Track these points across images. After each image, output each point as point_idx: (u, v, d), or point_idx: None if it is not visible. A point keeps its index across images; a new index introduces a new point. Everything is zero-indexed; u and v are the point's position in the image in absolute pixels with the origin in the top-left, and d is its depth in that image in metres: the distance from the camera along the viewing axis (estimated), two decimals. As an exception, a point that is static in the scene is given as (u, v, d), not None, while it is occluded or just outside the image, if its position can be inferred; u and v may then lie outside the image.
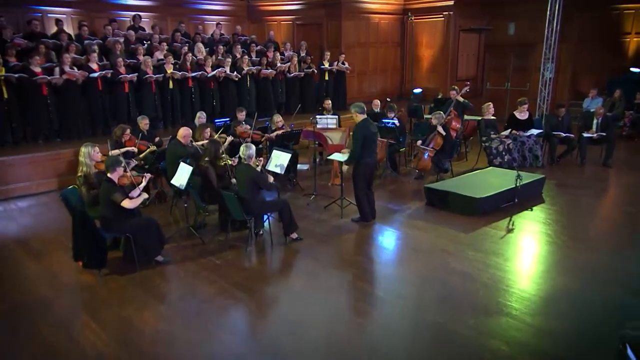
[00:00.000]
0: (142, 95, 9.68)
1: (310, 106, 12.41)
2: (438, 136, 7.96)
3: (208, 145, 6.21)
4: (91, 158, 5.39)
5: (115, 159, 4.97)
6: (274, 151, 6.32)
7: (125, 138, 7.22)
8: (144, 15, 12.22)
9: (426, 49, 14.78)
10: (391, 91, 15.43)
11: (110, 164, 4.92)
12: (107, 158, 5.10)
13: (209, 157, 6.06)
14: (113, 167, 4.90)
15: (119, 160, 4.98)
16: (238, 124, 8.11)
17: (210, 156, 6.06)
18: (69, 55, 8.78)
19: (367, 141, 6.08)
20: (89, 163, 5.36)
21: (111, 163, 4.92)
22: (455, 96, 9.27)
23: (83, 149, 5.44)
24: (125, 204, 4.82)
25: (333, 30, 13.96)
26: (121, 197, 4.81)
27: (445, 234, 6.02)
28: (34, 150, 8.06)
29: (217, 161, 6.17)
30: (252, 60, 11.52)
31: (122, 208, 4.91)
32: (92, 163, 5.36)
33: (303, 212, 6.94)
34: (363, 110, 6.15)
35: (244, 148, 5.54)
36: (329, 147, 8.06)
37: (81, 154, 5.45)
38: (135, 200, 4.95)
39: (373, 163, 6.29)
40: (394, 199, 7.51)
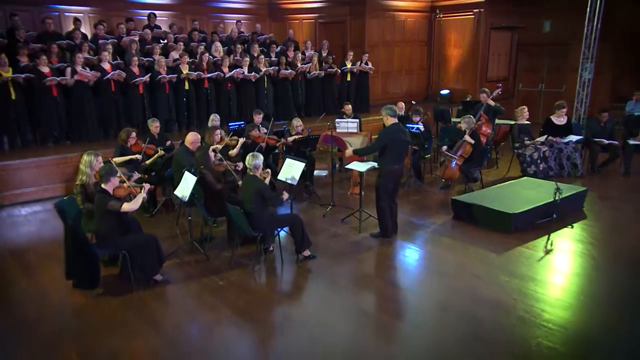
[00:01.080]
0: (155, 96, 9.32)
1: (331, 108, 11.87)
2: (467, 143, 7.32)
3: (197, 153, 5.78)
4: (92, 167, 4.98)
5: (110, 168, 4.55)
6: (287, 159, 5.82)
7: (131, 142, 6.83)
8: (162, 13, 11.94)
9: (454, 48, 14.06)
10: (417, 92, 14.78)
11: (104, 173, 4.49)
12: (101, 167, 4.68)
13: (203, 165, 5.63)
14: (107, 176, 4.48)
15: (113, 170, 4.55)
16: (252, 127, 7.65)
17: (203, 163, 5.63)
18: (81, 55, 8.48)
19: (394, 147, 5.53)
20: (89, 172, 4.95)
21: (105, 172, 4.50)
22: (486, 99, 8.59)
23: (85, 156, 5.04)
24: (125, 208, 4.41)
25: (356, 29, 13.39)
26: (118, 203, 4.39)
27: (474, 254, 5.41)
28: (41, 154, 7.76)
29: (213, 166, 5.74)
30: (270, 60, 11.05)
31: (118, 223, 4.50)
32: (92, 173, 4.95)
33: (319, 224, 6.43)
34: (395, 114, 5.62)
35: (250, 157, 5.05)
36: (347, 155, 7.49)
37: (82, 161, 5.05)
38: (135, 202, 4.54)
39: (399, 171, 5.73)
40: (418, 211, 6.92)
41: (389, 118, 5.61)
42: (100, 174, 4.52)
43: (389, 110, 5.62)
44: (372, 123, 11.32)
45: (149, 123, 7.72)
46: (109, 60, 8.95)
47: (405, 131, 5.79)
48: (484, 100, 8.62)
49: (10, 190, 7.29)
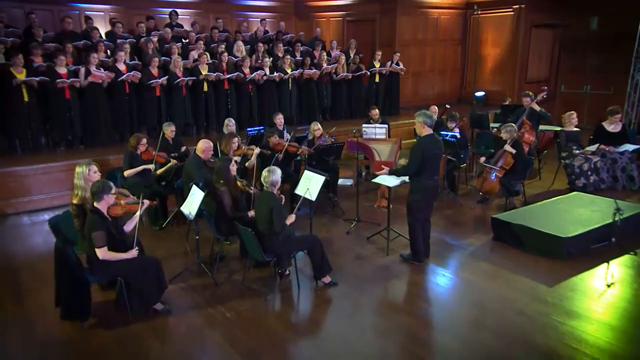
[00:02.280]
0: (172, 98, 8.86)
1: (358, 111, 11.24)
2: (508, 154, 6.55)
3: (217, 164, 5.18)
4: (87, 179, 4.46)
5: (103, 184, 4.02)
6: (305, 172, 5.21)
7: (141, 149, 6.34)
8: (184, 12, 11.54)
9: (491, 47, 13.19)
10: (449, 94, 13.98)
11: (96, 190, 3.97)
12: (93, 183, 4.16)
13: (222, 179, 5.02)
14: (100, 194, 3.96)
15: (107, 186, 4.02)
16: (271, 133, 7.07)
17: (223, 177, 5.02)
18: (96, 55, 8.08)
19: (429, 161, 4.86)
20: (85, 186, 4.43)
21: (97, 190, 3.98)
22: (530, 104, 7.77)
23: (77, 168, 4.53)
24: (99, 254, 3.87)
25: (387, 27, 12.68)
26: (99, 241, 3.85)
27: (519, 284, 4.68)
28: (50, 160, 7.37)
29: (233, 183, 5.13)
30: (295, 60, 10.47)
31: (112, 245, 3.98)
32: (88, 186, 4.43)
33: (341, 242, 5.80)
34: (432, 122, 4.93)
35: (267, 173, 4.45)
36: (376, 163, 6.83)
37: (75, 175, 4.54)
38: (114, 255, 3.97)
39: (434, 187, 5.06)
40: (452, 228, 6.21)
41: (425, 127, 4.92)
42: (92, 191, 4.01)
43: (425, 118, 4.91)
44: (401, 127, 10.63)
45: (164, 127, 7.24)
46: (125, 61, 8.54)
47: (439, 143, 5.10)
48: (527, 105, 7.82)
49: (16, 197, 6.92)
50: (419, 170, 4.89)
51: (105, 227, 3.91)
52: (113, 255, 3.98)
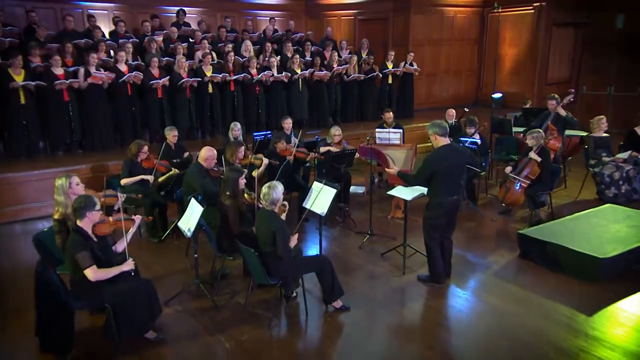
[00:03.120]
0: (175, 101, 8.46)
1: (369, 114, 10.77)
2: (534, 162, 6.05)
3: (225, 174, 4.73)
4: (69, 194, 4.05)
5: (86, 200, 3.59)
6: (315, 183, 4.75)
7: (142, 157, 5.95)
8: (191, 10, 11.14)
9: (509, 47, 12.62)
10: (465, 96, 13.44)
11: (78, 206, 3.55)
12: (75, 198, 3.75)
13: (229, 191, 4.58)
14: (82, 211, 3.54)
15: (90, 201, 3.59)
16: (278, 138, 6.62)
17: (230, 190, 4.57)
18: (95, 55, 7.70)
19: (448, 174, 4.39)
20: (66, 202, 4.02)
21: (79, 205, 3.55)
22: (555, 107, 7.26)
23: (57, 181, 4.11)
24: (89, 275, 3.45)
25: (400, 26, 12.18)
26: (87, 261, 3.44)
27: (554, 312, 4.18)
28: (47, 165, 7.01)
29: (241, 196, 4.68)
30: (304, 60, 10.03)
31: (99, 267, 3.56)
32: (70, 201, 4.01)
33: (353, 258, 5.35)
34: (445, 132, 4.43)
35: (267, 189, 3.99)
36: (390, 172, 6.36)
37: (55, 189, 4.12)
38: (107, 271, 3.57)
39: (455, 203, 4.56)
40: (473, 243, 5.72)
41: (438, 138, 4.43)
42: (74, 208, 3.59)
43: (437, 128, 4.42)
44: (415, 131, 10.14)
45: (166, 132, 6.87)
46: (127, 61, 8.16)
47: (461, 152, 4.62)
48: (552, 109, 7.30)
49: (9, 205, 6.57)
50: (434, 181, 4.42)
51: (88, 249, 3.49)
52: (107, 272, 3.57)
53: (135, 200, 5.36)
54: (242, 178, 4.66)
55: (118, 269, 3.60)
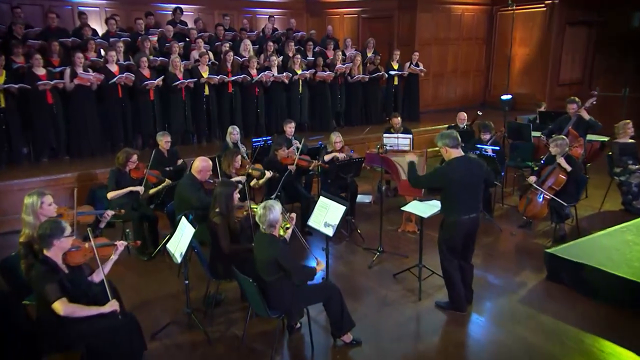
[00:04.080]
0: (169, 103, 7.95)
1: (374, 117, 10.26)
2: (560, 171, 5.55)
3: (216, 189, 4.21)
4: (38, 214, 3.54)
5: (53, 226, 3.07)
6: (321, 199, 4.24)
7: (131, 166, 5.43)
8: (188, 8, 10.62)
9: (519, 46, 12.11)
10: (472, 97, 12.95)
11: (44, 233, 3.03)
12: (41, 224, 3.23)
13: (221, 208, 4.06)
14: (48, 239, 3.03)
15: (58, 227, 3.07)
16: (279, 145, 6.11)
17: (223, 207, 4.06)
18: (82, 55, 7.18)
19: (464, 190, 3.90)
20: (35, 223, 3.49)
21: (45, 232, 3.03)
22: (577, 111, 6.76)
23: (26, 199, 3.59)
24: (58, 309, 2.93)
25: (406, 25, 11.68)
26: (54, 293, 2.93)
27: (599, 352, 3.66)
28: (30, 174, 6.50)
29: (233, 213, 4.16)
30: (307, 60, 9.51)
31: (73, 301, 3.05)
32: (39, 223, 3.48)
33: (363, 280, 4.84)
34: (456, 143, 3.94)
35: (263, 211, 3.46)
36: (402, 183, 5.85)
37: (23, 207, 3.60)
38: (82, 308, 3.05)
39: (474, 222, 4.06)
40: (494, 263, 5.22)
41: (449, 150, 3.94)
42: (39, 235, 3.07)
43: (447, 140, 3.91)
44: (423, 135, 9.66)
45: (158, 137, 6.38)
46: (118, 61, 7.65)
47: (478, 165, 4.10)
48: (572, 112, 6.80)
49: (-12, 218, 6.06)
50: (449, 197, 3.94)
51: (56, 281, 2.98)
52: (81, 309, 3.05)
53: (122, 214, 4.84)
54: (236, 192, 4.14)
55: (97, 309, 3.08)
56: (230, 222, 4.04)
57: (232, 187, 4.13)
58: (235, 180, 5.33)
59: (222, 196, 4.03)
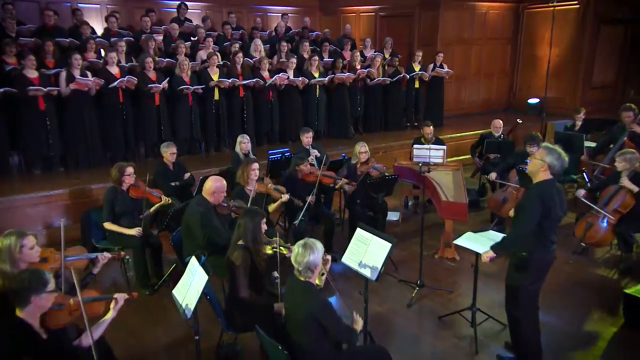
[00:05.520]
0: (175, 109, 7.23)
1: (394, 123, 9.53)
2: (626, 192, 4.79)
3: (240, 220, 3.46)
4: (17, 260, 2.80)
5: (33, 277, 2.35)
6: (359, 232, 3.49)
7: (128, 181, 4.69)
8: (194, 5, 9.92)
9: (548, 46, 11.27)
10: (496, 100, 12.21)
11: (20, 287, 2.32)
12: (18, 274, 2.49)
13: (244, 241, 3.32)
14: (27, 294, 2.31)
15: (39, 279, 2.35)
16: (301, 159, 5.37)
17: (249, 241, 3.32)
18: (79, 57, 6.47)
19: (547, 221, 3.14)
20: (12, 271, 2.75)
21: (22, 284, 2.32)
22: (634, 120, 6.00)
23: (2, 241, 2.87)
24: None
25: (427, 24, 10.93)
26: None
27: None
28: (19, 189, 5.78)
29: (261, 249, 3.42)
30: (323, 62, 8.78)
31: None
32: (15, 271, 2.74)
33: (403, 323, 4.10)
34: (560, 167, 3.16)
35: (302, 250, 2.73)
36: (443, 205, 5.06)
37: (0, 248, 2.85)
38: None
39: (552, 262, 3.32)
40: (556, 300, 4.43)
41: (548, 172, 3.17)
42: (14, 290, 2.35)
43: (554, 159, 3.11)
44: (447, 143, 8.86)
45: (162, 149, 5.67)
46: (119, 63, 6.94)
47: (561, 191, 3.35)
48: (629, 122, 6.03)
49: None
50: (539, 235, 3.19)
51: (30, 354, 2.25)
52: None
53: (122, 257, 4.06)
54: (263, 222, 3.41)
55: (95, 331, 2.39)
56: (256, 260, 3.29)
57: (258, 216, 3.37)
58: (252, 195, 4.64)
59: (248, 229, 3.28)
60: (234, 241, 3.38)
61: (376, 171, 5.40)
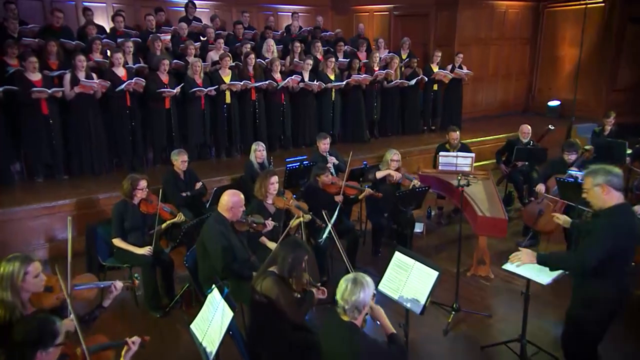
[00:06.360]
0: (187, 112, 6.86)
1: (411, 126, 9.13)
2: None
3: (280, 249, 3.02)
4: (19, 289, 2.42)
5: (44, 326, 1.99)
6: (398, 255, 3.10)
7: (140, 195, 4.32)
8: (202, 4, 9.55)
9: (569, 47, 10.91)
10: (514, 103, 11.80)
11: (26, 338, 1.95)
12: (20, 324, 2.11)
13: (279, 270, 2.93)
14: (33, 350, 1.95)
15: (51, 331, 1.99)
16: (322, 170, 4.98)
17: (282, 270, 2.93)
18: (83, 58, 6.10)
19: (624, 251, 2.76)
20: (12, 301, 2.37)
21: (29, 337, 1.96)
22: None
23: (4, 266, 2.46)
24: None
25: (444, 23, 10.53)
26: None
27: None
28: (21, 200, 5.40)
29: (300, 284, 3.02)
30: (339, 62, 8.39)
31: None
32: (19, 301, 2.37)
33: (441, 354, 3.72)
34: (620, 183, 2.77)
35: (351, 285, 2.36)
36: (479, 220, 4.64)
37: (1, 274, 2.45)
38: None
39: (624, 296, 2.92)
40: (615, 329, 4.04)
41: (612, 192, 2.76)
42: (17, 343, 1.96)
43: (611, 177, 2.74)
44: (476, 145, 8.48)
45: (173, 156, 5.30)
46: (126, 64, 6.58)
47: (633, 212, 2.95)
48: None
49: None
50: (611, 268, 2.78)
51: None
52: None
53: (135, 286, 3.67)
54: (306, 257, 3.00)
55: None
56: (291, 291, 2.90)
57: (304, 252, 2.96)
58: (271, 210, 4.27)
59: (286, 261, 2.89)
60: (264, 267, 2.99)
61: (408, 180, 5.01)
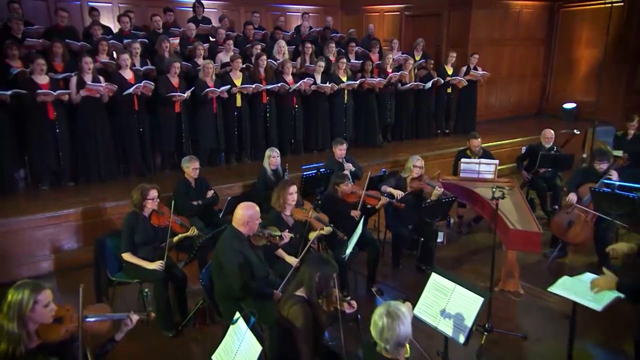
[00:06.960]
0: (198, 117, 6.62)
1: (424, 130, 8.87)
2: None
3: (306, 268, 2.78)
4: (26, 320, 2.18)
5: None
6: (434, 277, 2.85)
7: (150, 206, 4.07)
8: (210, 4, 9.33)
9: (585, 48, 10.64)
10: (528, 105, 11.53)
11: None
12: None
13: (307, 293, 2.68)
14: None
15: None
16: (342, 179, 4.73)
17: (309, 291, 2.68)
18: (89, 60, 5.87)
19: None
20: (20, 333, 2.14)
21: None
22: None
23: (13, 295, 2.25)
24: None
25: (457, 23, 10.26)
26: None
27: None
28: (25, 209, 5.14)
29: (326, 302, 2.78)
30: (351, 63, 8.14)
31: None
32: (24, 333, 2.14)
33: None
34: None
35: (389, 320, 2.11)
36: (511, 234, 4.36)
37: (6, 305, 2.25)
38: None
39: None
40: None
41: None
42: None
43: None
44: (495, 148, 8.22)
45: (184, 164, 5.05)
46: (133, 67, 6.34)
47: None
48: None
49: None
50: None
51: None
52: None
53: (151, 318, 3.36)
54: (334, 277, 2.75)
55: None
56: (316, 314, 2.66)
57: (331, 269, 2.74)
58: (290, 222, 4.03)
59: (314, 280, 2.65)
60: (291, 290, 2.75)
61: (430, 187, 4.76)
